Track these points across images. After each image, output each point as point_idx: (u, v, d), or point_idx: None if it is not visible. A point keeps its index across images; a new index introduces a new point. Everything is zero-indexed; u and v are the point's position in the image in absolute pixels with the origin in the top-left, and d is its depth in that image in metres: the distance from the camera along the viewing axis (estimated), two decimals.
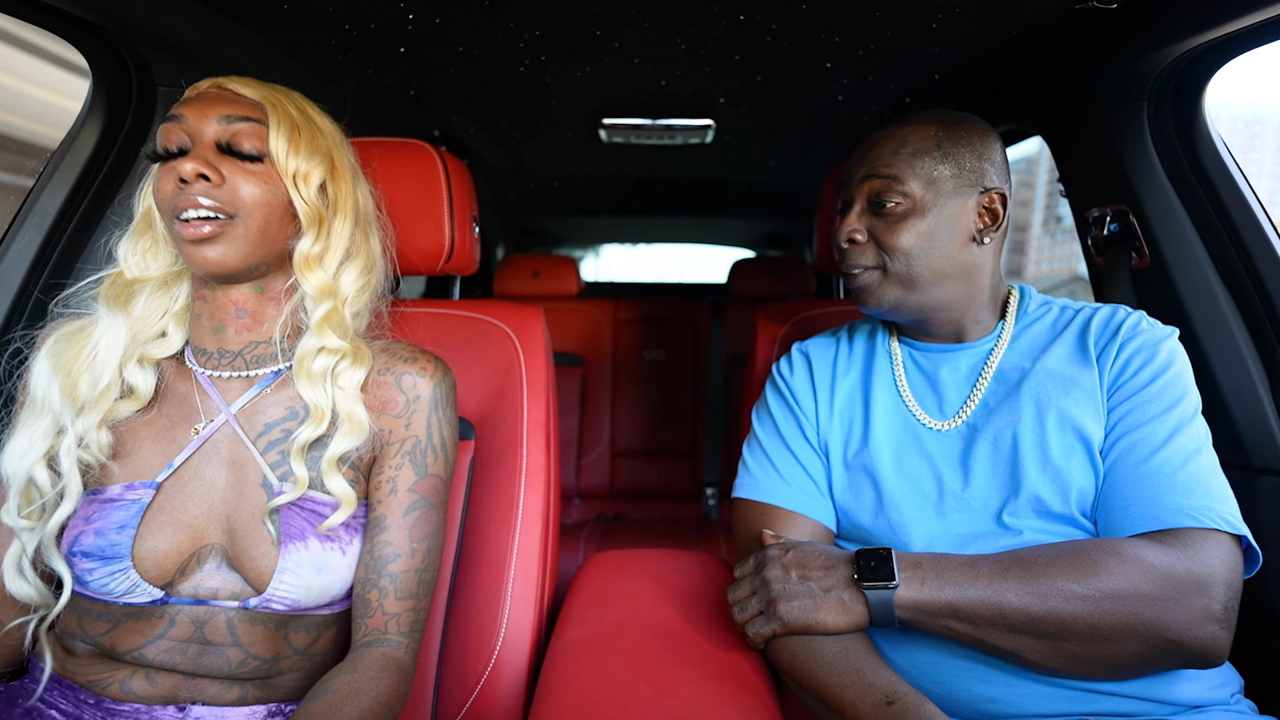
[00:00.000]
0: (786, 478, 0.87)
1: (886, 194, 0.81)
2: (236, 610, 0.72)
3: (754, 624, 0.75)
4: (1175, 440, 0.72)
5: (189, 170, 0.70)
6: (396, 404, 0.80)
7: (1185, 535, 0.67)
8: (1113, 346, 0.78)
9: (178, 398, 0.78)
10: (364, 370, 0.79)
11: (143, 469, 0.74)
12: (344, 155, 0.83)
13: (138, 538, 0.70)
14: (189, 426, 0.76)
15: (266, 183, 0.74)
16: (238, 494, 0.74)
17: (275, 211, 0.75)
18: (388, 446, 0.80)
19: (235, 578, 0.72)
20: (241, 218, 0.72)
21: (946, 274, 0.81)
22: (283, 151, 0.74)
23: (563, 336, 2.39)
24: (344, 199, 0.80)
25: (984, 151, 0.82)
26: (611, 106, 1.44)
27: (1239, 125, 57.67)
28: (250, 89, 0.76)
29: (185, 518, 0.72)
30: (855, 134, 1.57)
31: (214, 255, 0.72)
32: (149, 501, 0.71)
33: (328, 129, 0.82)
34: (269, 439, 0.76)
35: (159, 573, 0.70)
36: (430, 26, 1.04)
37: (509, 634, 0.91)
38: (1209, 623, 0.64)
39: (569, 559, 1.78)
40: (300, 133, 0.76)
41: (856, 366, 0.92)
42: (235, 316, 0.78)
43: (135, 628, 0.71)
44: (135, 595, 0.70)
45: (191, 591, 0.72)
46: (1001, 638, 0.67)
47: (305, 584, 0.72)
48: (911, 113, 0.85)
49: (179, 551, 0.71)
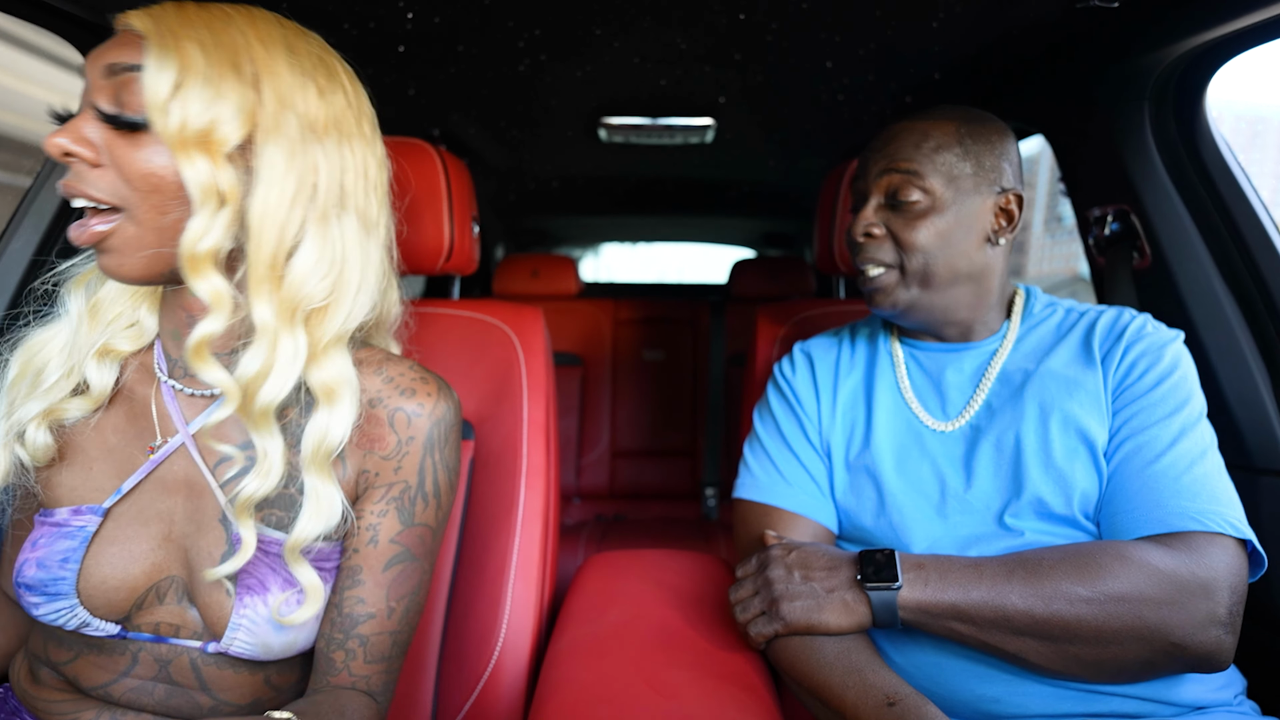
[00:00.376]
0: (788, 478, 0.87)
1: (906, 189, 0.79)
2: (199, 652, 0.64)
3: (756, 624, 0.74)
4: (1181, 444, 0.71)
5: (55, 145, 0.54)
6: (387, 444, 0.67)
7: (1190, 539, 0.67)
8: (1118, 349, 0.77)
9: (135, 406, 0.66)
10: (346, 424, 0.63)
11: (91, 490, 0.63)
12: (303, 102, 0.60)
13: (84, 571, 0.61)
14: (144, 444, 0.65)
15: (153, 154, 0.55)
16: (195, 526, 0.64)
17: (169, 195, 0.56)
18: (372, 490, 0.67)
19: (197, 615, 0.64)
20: (128, 211, 0.56)
21: (962, 274, 0.81)
22: (159, 103, 0.54)
23: (563, 336, 2.39)
24: (275, 164, 0.58)
25: (1003, 151, 0.82)
26: (611, 106, 1.44)
27: (1240, 124, 57.50)
28: (144, 18, 0.56)
29: (138, 550, 0.62)
30: (855, 134, 1.56)
31: (111, 264, 0.58)
32: (95, 530, 0.62)
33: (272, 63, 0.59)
34: (229, 468, 0.64)
35: (110, 608, 0.62)
36: (430, 26, 1.04)
37: (509, 634, 0.91)
38: (1213, 627, 0.64)
39: (569, 559, 1.77)
40: (192, 74, 0.55)
41: (859, 367, 0.92)
42: (188, 324, 0.64)
43: (97, 661, 0.64)
44: (90, 630, 0.62)
45: (151, 627, 0.63)
46: (1005, 640, 0.67)
47: (263, 642, 0.62)
48: (932, 107, 0.84)
49: (131, 586, 0.62)
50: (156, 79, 0.54)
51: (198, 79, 0.55)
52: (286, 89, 0.59)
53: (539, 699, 0.76)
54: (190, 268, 0.57)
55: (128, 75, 0.55)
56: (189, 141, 0.55)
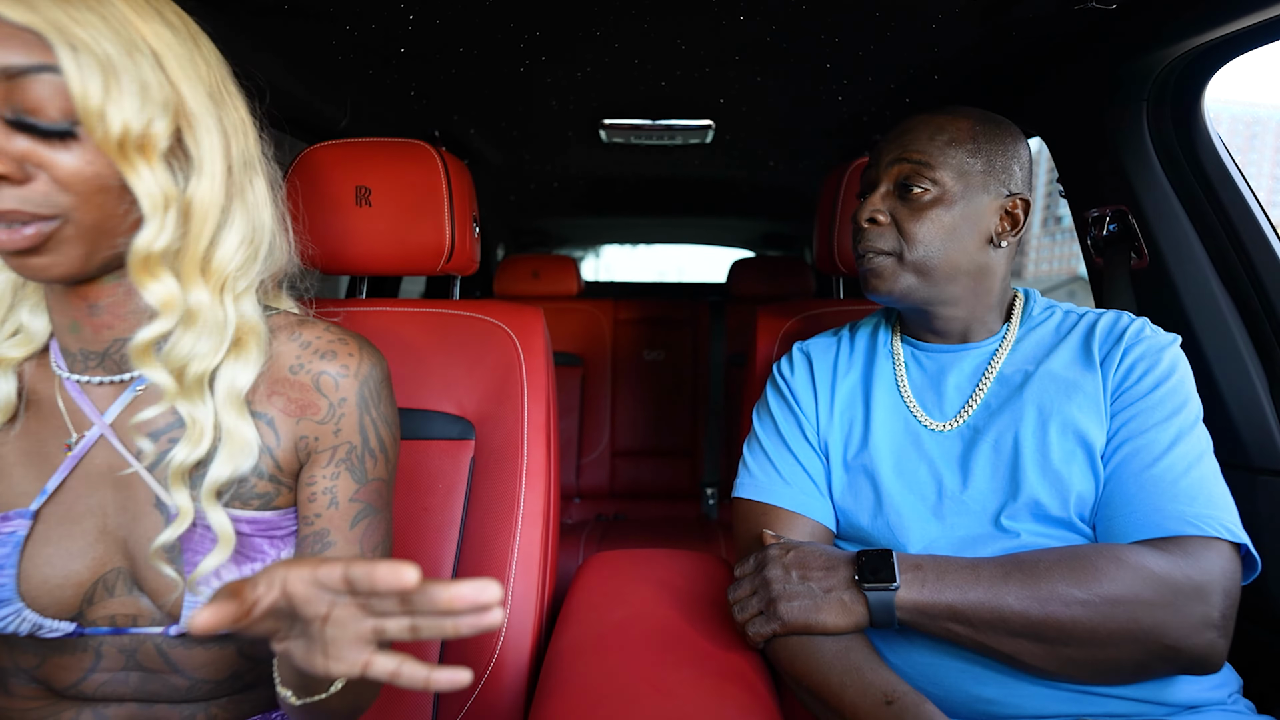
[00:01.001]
0: (786, 478, 0.87)
1: (915, 179, 0.80)
2: (162, 637, 0.63)
3: (754, 624, 0.75)
4: (1177, 448, 0.72)
5: None
6: (319, 409, 0.67)
7: (1186, 543, 0.67)
8: (1116, 352, 0.78)
9: (42, 408, 0.63)
10: (250, 370, 0.63)
11: (14, 496, 0.61)
12: (198, 75, 0.57)
13: (22, 575, 0.59)
14: (59, 442, 0.63)
15: (88, 161, 0.52)
16: (130, 516, 0.63)
17: (112, 194, 0.54)
18: (316, 455, 0.67)
19: (149, 602, 0.63)
20: (70, 215, 0.53)
21: (961, 270, 0.81)
22: (94, 111, 0.50)
23: (563, 336, 2.39)
24: (204, 153, 0.58)
25: (1015, 154, 0.82)
26: (612, 107, 1.44)
27: (1238, 125, 57.53)
28: (26, 9, 0.49)
29: (74, 547, 0.61)
30: (855, 134, 1.57)
31: (41, 265, 0.54)
32: (26, 533, 0.60)
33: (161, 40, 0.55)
34: (158, 450, 0.62)
35: (59, 607, 0.60)
36: (430, 26, 1.04)
37: (509, 634, 0.91)
38: (1207, 630, 0.64)
39: (569, 559, 1.78)
40: (119, 73, 0.51)
41: (857, 366, 0.92)
42: (90, 314, 0.61)
43: (62, 662, 0.63)
44: (46, 632, 0.61)
45: (107, 620, 0.62)
46: (1001, 641, 0.67)
47: None
48: (948, 105, 0.85)
49: (76, 583, 0.61)
50: (83, 83, 0.50)
51: (123, 76, 0.51)
52: (184, 64, 0.56)
53: (539, 698, 0.76)
54: (142, 271, 0.56)
55: (31, 78, 0.50)
56: (130, 148, 0.52)
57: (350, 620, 0.46)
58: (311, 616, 0.45)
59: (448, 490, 0.97)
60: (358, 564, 0.43)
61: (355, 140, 1.05)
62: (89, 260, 0.56)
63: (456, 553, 0.95)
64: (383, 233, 1.02)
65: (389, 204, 1.02)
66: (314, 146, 1.04)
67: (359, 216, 1.02)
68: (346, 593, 0.44)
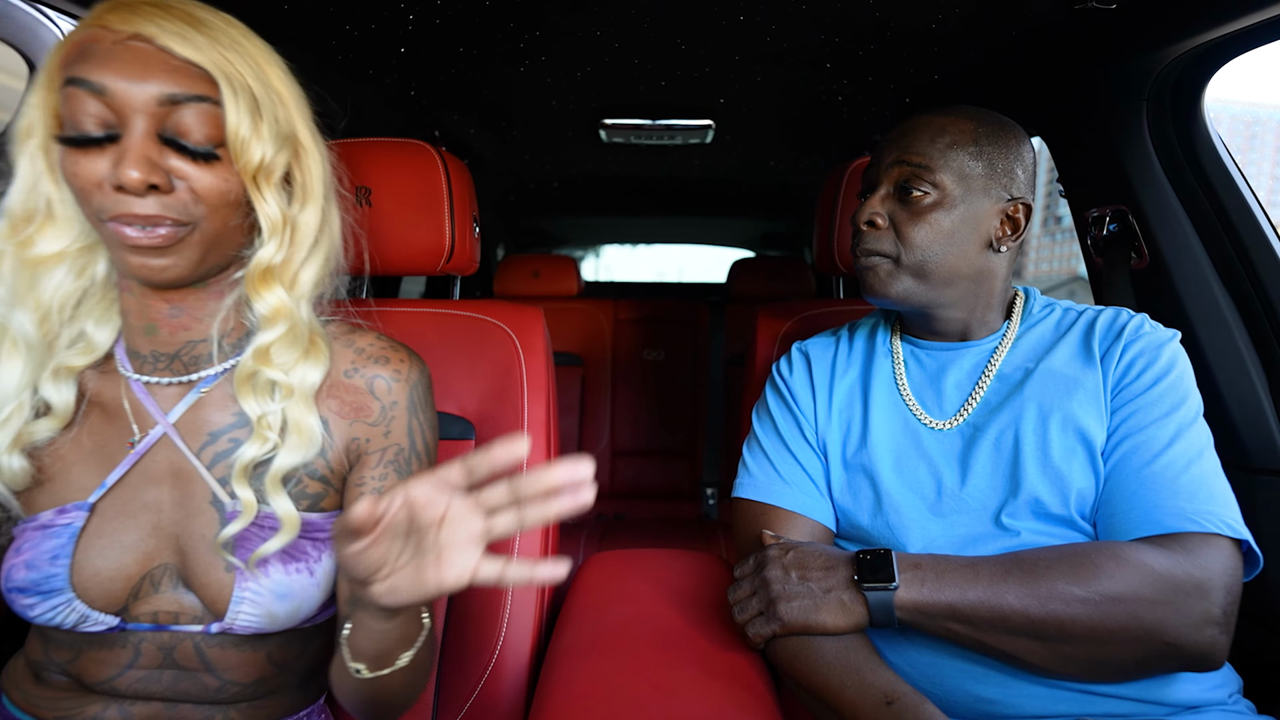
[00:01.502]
0: (786, 478, 0.87)
1: (915, 182, 0.79)
2: (203, 634, 0.65)
3: (754, 624, 0.75)
4: (1177, 444, 0.71)
5: (135, 181, 0.55)
6: (371, 411, 0.71)
7: (1186, 540, 0.67)
8: (1116, 348, 0.77)
9: (106, 408, 0.67)
10: (319, 370, 0.68)
11: (73, 490, 0.64)
12: (304, 117, 0.66)
13: (75, 566, 0.61)
14: (122, 440, 0.66)
15: (224, 179, 0.59)
16: (185, 512, 0.65)
17: (236, 210, 0.61)
18: (366, 455, 0.70)
19: (194, 599, 0.65)
20: (197, 224, 0.60)
21: (960, 274, 0.81)
22: (242, 142, 0.58)
23: (563, 336, 2.39)
24: (312, 181, 0.66)
25: (1018, 157, 0.81)
26: (612, 107, 1.44)
27: (1238, 125, 57.56)
28: (193, 48, 0.57)
29: (127, 540, 0.64)
30: (855, 134, 1.57)
31: (160, 265, 0.59)
32: (82, 525, 0.63)
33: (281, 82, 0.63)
34: (215, 450, 0.66)
35: (107, 600, 0.63)
36: (430, 26, 1.04)
37: (509, 634, 0.91)
38: (1208, 627, 0.64)
39: (569, 558, 1.77)
40: (262, 111, 0.59)
41: (856, 365, 0.92)
42: (170, 316, 0.65)
43: (99, 656, 0.65)
44: (89, 625, 0.63)
45: (150, 616, 0.64)
46: (1001, 640, 0.67)
47: (268, 611, 0.64)
48: (951, 105, 0.84)
49: (125, 576, 0.63)
50: (237, 118, 0.58)
51: (265, 114, 0.60)
52: (295, 104, 0.65)
53: (539, 698, 0.76)
54: (260, 284, 0.63)
55: (191, 105, 0.57)
56: (261, 175, 0.61)
57: (464, 519, 0.50)
58: (429, 522, 0.50)
59: None
60: (474, 455, 0.49)
61: (355, 140, 1.05)
62: (199, 266, 0.62)
63: None
64: (383, 233, 1.02)
65: (389, 204, 1.02)
66: None
67: (359, 217, 1.02)
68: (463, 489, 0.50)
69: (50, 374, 0.64)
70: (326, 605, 0.71)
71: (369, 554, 0.49)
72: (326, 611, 0.72)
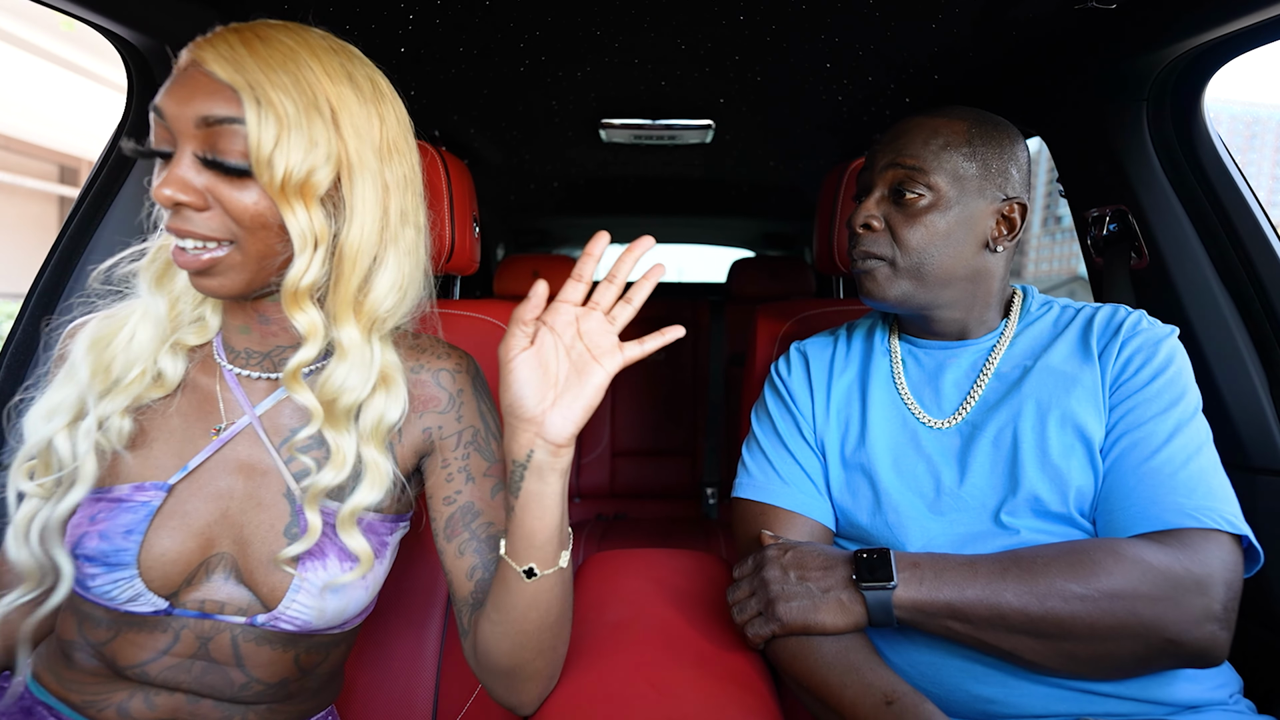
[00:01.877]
0: (785, 478, 0.87)
1: (909, 184, 0.79)
2: (243, 627, 0.67)
3: (753, 625, 0.75)
4: (1176, 439, 0.72)
5: (163, 198, 0.59)
6: (440, 401, 0.74)
7: (1185, 535, 0.67)
8: (1114, 344, 0.78)
9: (199, 393, 0.70)
10: (399, 406, 0.69)
11: (154, 469, 0.67)
12: (370, 133, 0.65)
13: (145, 544, 0.64)
14: (207, 426, 0.69)
15: (259, 196, 0.60)
16: (255, 503, 0.68)
17: (274, 229, 0.62)
18: (443, 442, 0.74)
19: (244, 592, 0.67)
20: (240, 242, 0.62)
21: (957, 275, 0.81)
22: (265, 158, 0.59)
23: None
24: (362, 198, 0.64)
25: (1012, 156, 0.81)
26: (612, 107, 1.45)
27: (1238, 125, 57.38)
28: (233, 69, 0.58)
29: (196, 524, 0.66)
30: (855, 134, 1.57)
31: (213, 285, 0.63)
32: (159, 505, 0.65)
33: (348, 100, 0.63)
34: (295, 445, 0.68)
35: (164, 582, 0.65)
36: (430, 26, 1.04)
37: None
38: (1208, 622, 0.64)
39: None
40: (289, 127, 0.59)
41: (854, 364, 0.92)
42: (259, 322, 0.70)
43: (136, 639, 0.66)
44: (138, 604, 0.64)
45: (197, 604, 0.66)
46: (1000, 638, 0.67)
47: (319, 606, 0.66)
48: (944, 105, 0.84)
49: (187, 560, 0.65)
50: (259, 134, 0.58)
51: (294, 131, 0.60)
52: (360, 122, 0.64)
53: None
54: (291, 303, 0.63)
55: (225, 127, 0.59)
56: (290, 191, 0.60)
57: (594, 321, 0.63)
58: (565, 327, 0.62)
59: None
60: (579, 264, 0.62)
61: None
62: (251, 284, 0.64)
63: None
64: None
65: None
66: None
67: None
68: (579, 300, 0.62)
69: (169, 347, 0.69)
70: (359, 614, 0.73)
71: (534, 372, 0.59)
72: (359, 618, 0.74)
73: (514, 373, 0.60)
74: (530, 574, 0.64)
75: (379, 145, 0.66)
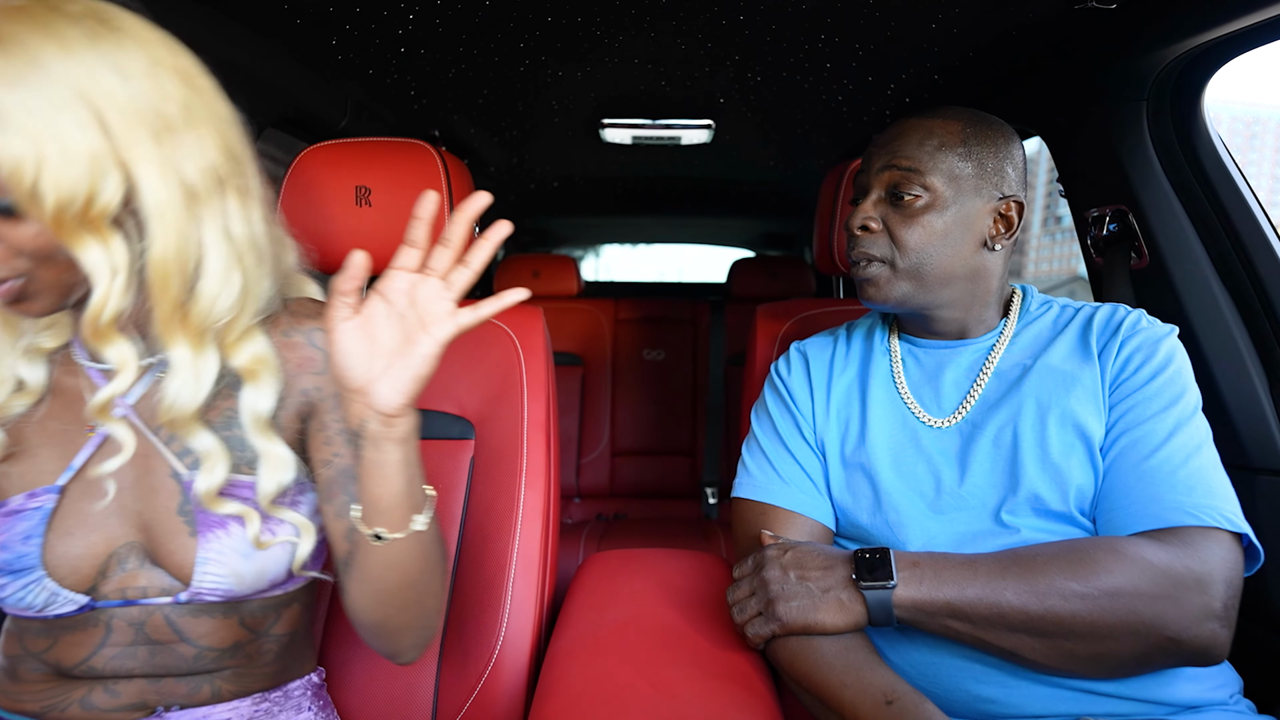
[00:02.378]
0: (785, 477, 0.87)
1: (905, 186, 0.80)
2: (171, 605, 0.67)
3: (753, 625, 0.75)
4: (1176, 438, 0.72)
5: None
6: (316, 361, 0.71)
7: (1186, 534, 0.67)
8: (1114, 343, 0.78)
9: (66, 394, 0.69)
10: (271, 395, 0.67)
11: (41, 475, 0.66)
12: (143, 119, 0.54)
13: (46, 546, 0.64)
14: (83, 425, 0.67)
15: (37, 229, 0.54)
16: (147, 487, 0.67)
17: (63, 260, 0.56)
18: (320, 403, 0.71)
19: (160, 573, 0.67)
20: (33, 275, 0.57)
21: (956, 275, 0.81)
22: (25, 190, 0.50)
23: (563, 336, 2.39)
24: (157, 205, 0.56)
25: (1007, 155, 0.82)
26: (611, 107, 1.45)
27: (1238, 125, 57.46)
28: None
29: (94, 519, 0.66)
30: (855, 134, 1.57)
31: (31, 309, 0.60)
32: (53, 507, 0.65)
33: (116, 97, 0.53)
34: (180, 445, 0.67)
35: (77, 578, 0.65)
36: (430, 26, 1.04)
37: (509, 634, 0.91)
38: (1209, 621, 0.64)
39: (569, 559, 1.78)
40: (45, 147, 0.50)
41: (854, 364, 0.92)
42: None
43: (73, 640, 0.67)
44: (59, 605, 0.64)
45: (119, 593, 0.66)
46: (1000, 637, 0.67)
47: (234, 572, 0.66)
48: (939, 106, 0.84)
49: (93, 554, 0.65)
50: (11, 162, 0.49)
51: (53, 149, 0.50)
52: (128, 105, 0.54)
53: (539, 698, 0.76)
54: (94, 338, 0.59)
55: None
56: (70, 223, 0.52)
57: (429, 288, 0.59)
58: (398, 295, 0.59)
59: (447, 490, 0.98)
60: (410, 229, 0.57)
61: (355, 140, 1.05)
62: (65, 302, 0.61)
63: (457, 553, 0.95)
64: (383, 233, 1.02)
65: (389, 204, 1.02)
66: (314, 146, 1.04)
67: (359, 217, 1.02)
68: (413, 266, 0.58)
69: (22, 353, 0.67)
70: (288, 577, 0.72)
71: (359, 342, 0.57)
72: (296, 580, 0.73)
73: (336, 343, 0.58)
74: (378, 538, 0.64)
75: (163, 120, 0.56)
